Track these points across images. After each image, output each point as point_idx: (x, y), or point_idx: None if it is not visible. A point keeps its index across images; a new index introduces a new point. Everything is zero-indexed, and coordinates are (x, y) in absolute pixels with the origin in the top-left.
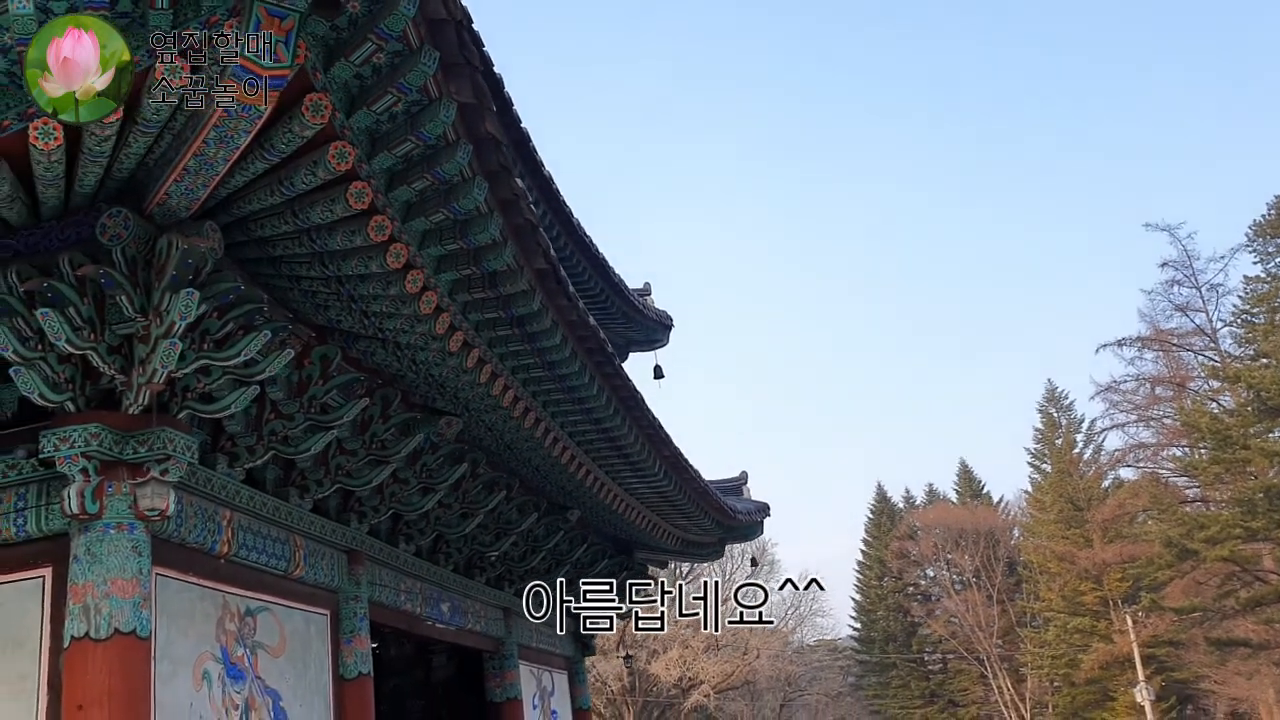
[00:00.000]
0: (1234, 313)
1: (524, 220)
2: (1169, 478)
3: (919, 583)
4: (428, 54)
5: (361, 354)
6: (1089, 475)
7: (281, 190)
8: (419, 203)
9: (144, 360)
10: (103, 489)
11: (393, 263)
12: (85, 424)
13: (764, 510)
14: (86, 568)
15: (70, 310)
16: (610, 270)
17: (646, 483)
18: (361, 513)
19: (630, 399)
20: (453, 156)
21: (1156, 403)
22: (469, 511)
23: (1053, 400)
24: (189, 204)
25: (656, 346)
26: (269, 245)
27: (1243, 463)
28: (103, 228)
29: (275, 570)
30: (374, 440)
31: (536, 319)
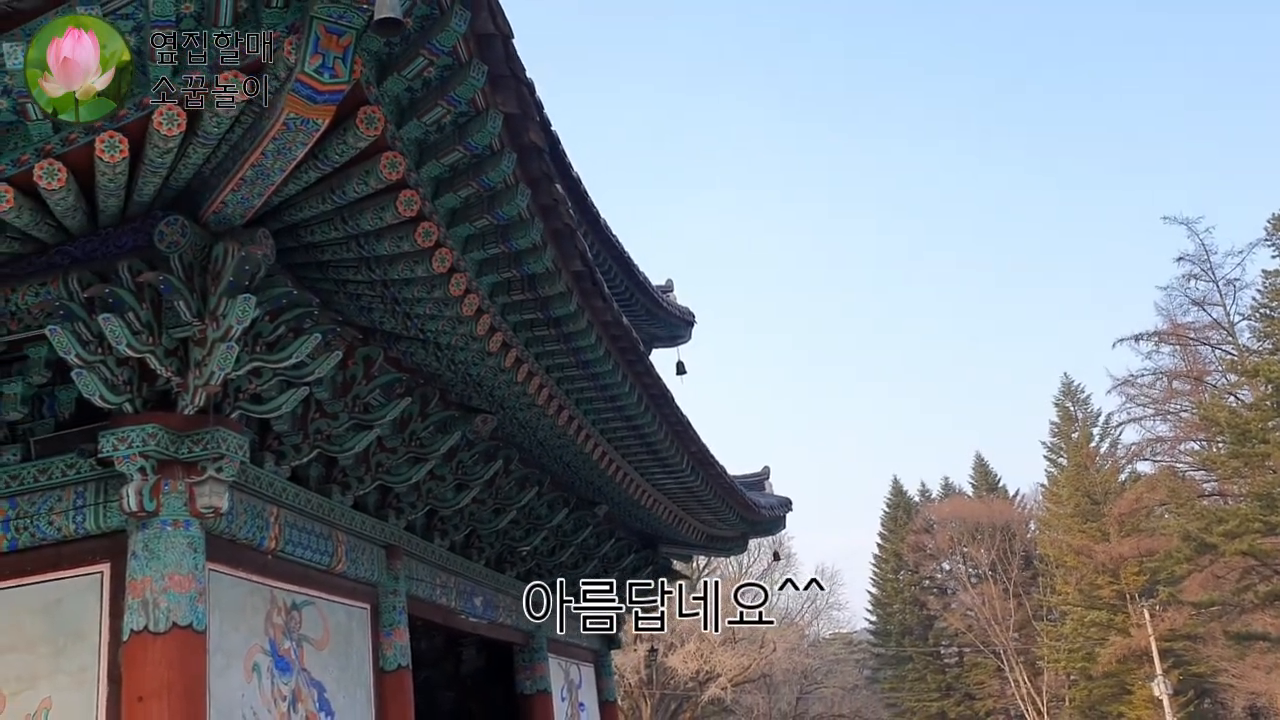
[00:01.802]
0: (1252, 307)
1: (563, 224)
2: (1186, 472)
3: (935, 576)
4: (476, 68)
5: (402, 354)
6: (1106, 469)
7: (333, 198)
8: (463, 209)
9: (200, 363)
10: (159, 487)
11: (438, 267)
12: (143, 425)
13: (786, 505)
14: (144, 563)
15: (130, 315)
16: (635, 268)
17: (673, 478)
18: (399, 509)
19: (660, 396)
20: (498, 165)
21: (1174, 397)
22: (501, 507)
23: (1069, 394)
24: (244, 212)
25: (679, 342)
26: (318, 250)
27: (1262, 457)
28: (160, 235)
29: (319, 565)
30: (413, 438)
31: (573, 320)
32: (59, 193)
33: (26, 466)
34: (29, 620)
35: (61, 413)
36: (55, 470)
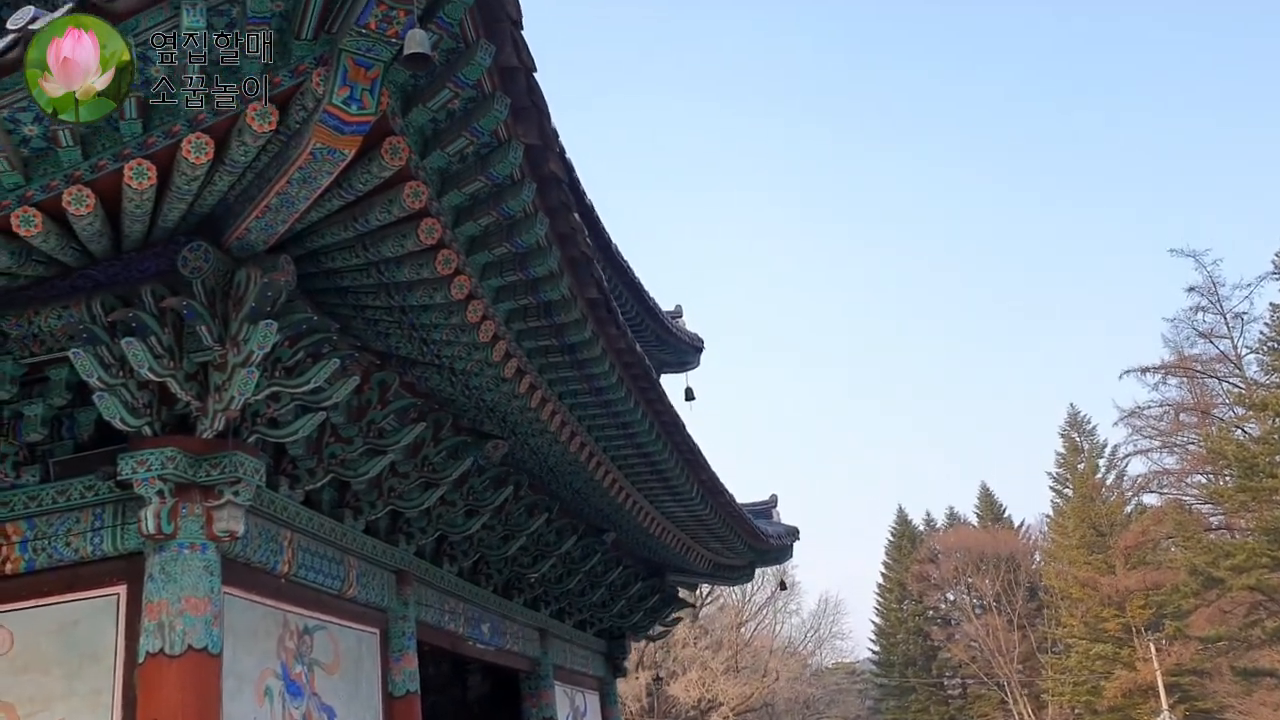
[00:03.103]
0: (1260, 340)
1: (579, 253)
2: (1193, 505)
3: (939, 606)
4: (500, 100)
5: (416, 379)
6: (1112, 501)
7: (355, 226)
8: (482, 236)
9: (219, 387)
10: (177, 510)
11: (456, 294)
12: (162, 448)
13: (793, 534)
14: (161, 586)
15: (152, 339)
16: (645, 293)
17: (683, 505)
18: (410, 534)
19: (672, 424)
20: (518, 195)
21: (1180, 429)
22: (511, 534)
23: (1075, 425)
24: (267, 238)
25: (687, 368)
26: (337, 276)
27: (1269, 491)
28: (183, 260)
29: (330, 590)
30: (425, 463)
31: (587, 346)
32: (86, 218)
33: (45, 488)
34: (44, 641)
35: (81, 435)
36: (74, 492)
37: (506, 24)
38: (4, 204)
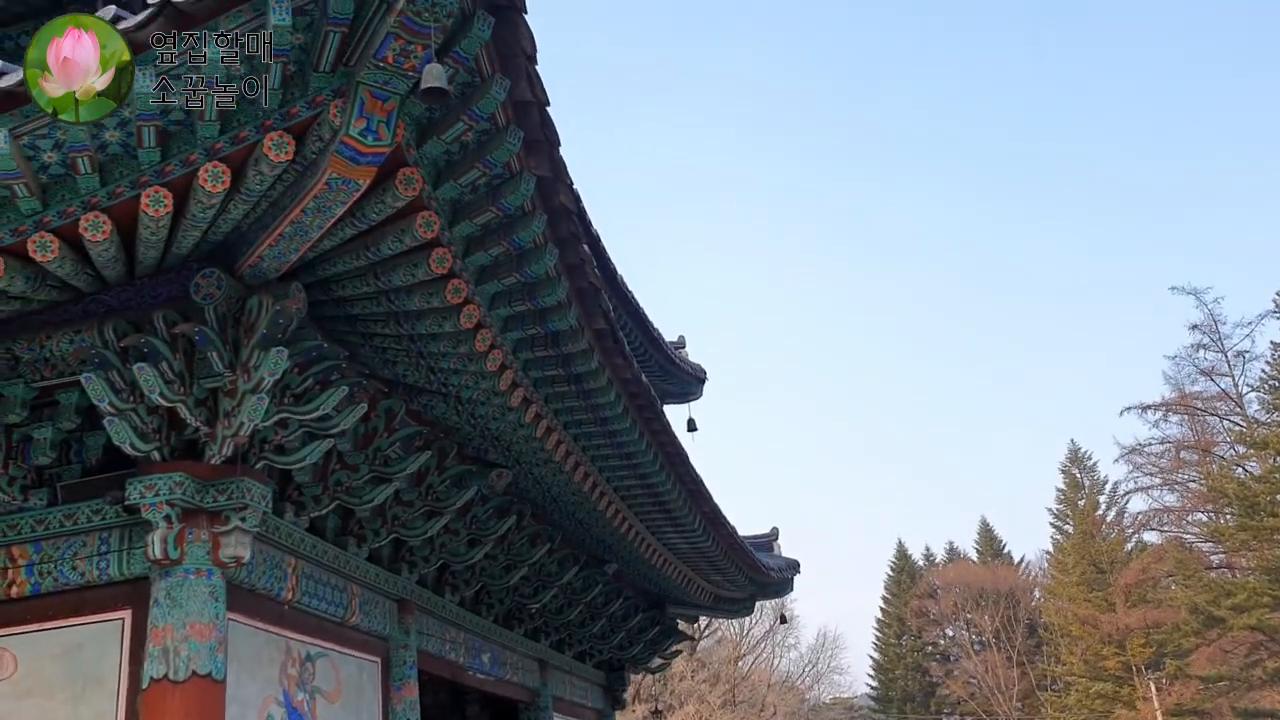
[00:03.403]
0: (1261, 379)
1: (588, 284)
2: (1194, 543)
3: (938, 642)
4: (513, 133)
5: (422, 407)
6: (1112, 538)
7: (367, 254)
8: (492, 266)
9: (229, 413)
10: (184, 536)
11: (465, 323)
12: (170, 473)
13: (794, 567)
14: (166, 611)
15: (163, 365)
16: (649, 324)
17: (685, 537)
18: (412, 562)
19: (675, 455)
20: (529, 226)
21: (1181, 466)
22: (513, 563)
23: (1076, 461)
24: (279, 266)
25: (690, 399)
26: (347, 304)
27: (1270, 530)
28: (196, 287)
29: (333, 617)
30: (429, 492)
31: (593, 377)
32: (102, 244)
33: (53, 511)
34: (49, 665)
35: (89, 459)
36: (81, 516)
37: (521, 59)
38: (21, 229)
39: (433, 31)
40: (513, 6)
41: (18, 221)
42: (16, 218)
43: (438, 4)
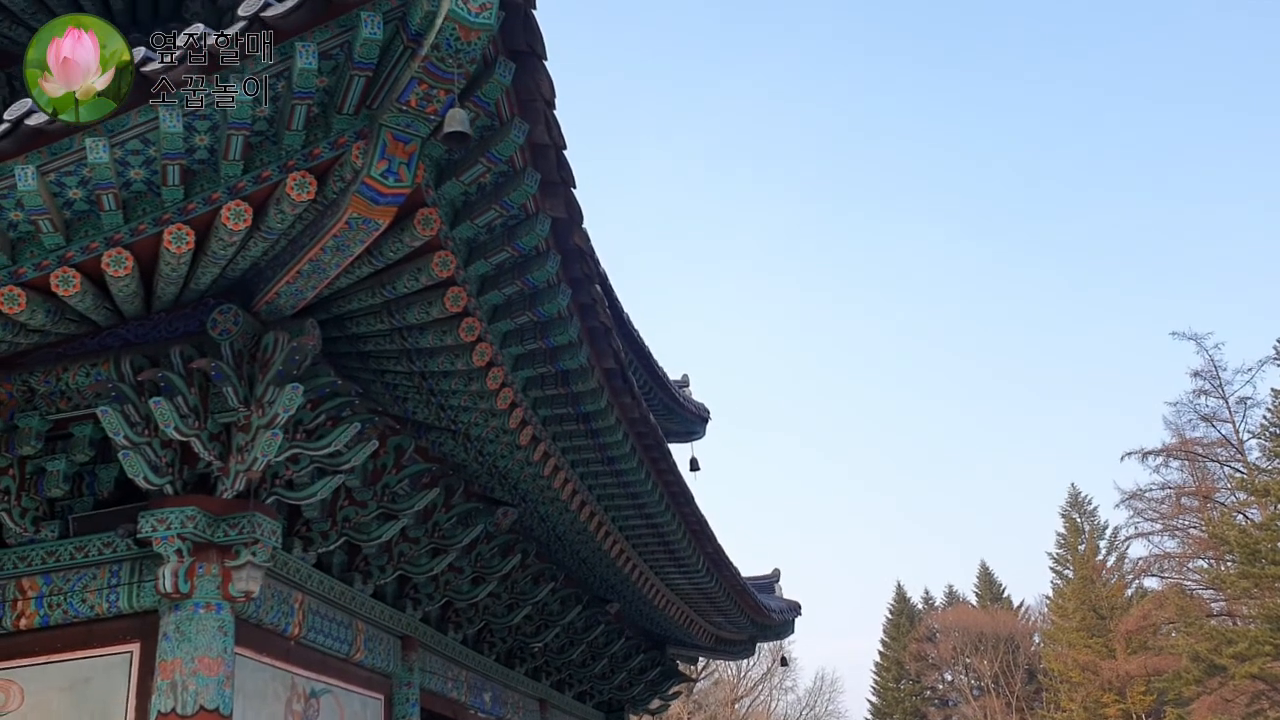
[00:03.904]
0: (1262, 425)
1: (599, 323)
2: (1195, 590)
3: (937, 686)
4: (530, 175)
5: (431, 444)
6: (1112, 583)
7: (383, 292)
8: (505, 305)
9: (242, 448)
10: (194, 570)
11: (478, 361)
12: (182, 507)
13: (795, 609)
14: (175, 645)
15: (179, 399)
16: (654, 363)
17: (688, 577)
18: (417, 599)
19: (681, 494)
20: (543, 266)
21: (1182, 512)
22: (516, 602)
23: (1076, 505)
24: (295, 303)
25: (693, 438)
26: (360, 341)
27: (1272, 578)
28: (213, 322)
29: (338, 653)
30: (435, 529)
31: (602, 416)
32: (124, 280)
33: (64, 544)
34: (56, 698)
35: (101, 491)
36: (92, 548)
37: (540, 103)
38: (44, 264)
39: (456, 77)
40: (533, 53)
41: (41, 256)
42: (40, 252)
43: (462, 51)
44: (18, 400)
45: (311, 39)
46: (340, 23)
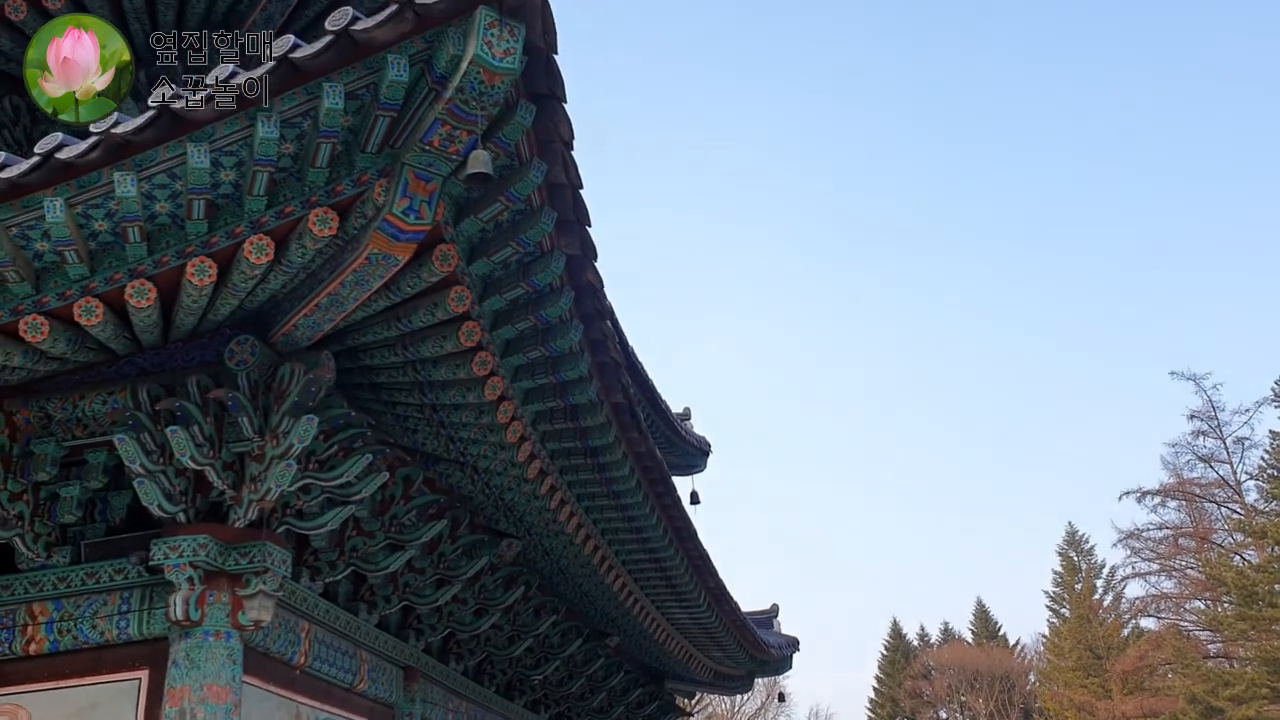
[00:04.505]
0: (1260, 467)
1: (609, 359)
2: (1191, 630)
3: None
4: (547, 214)
5: (438, 475)
6: (1109, 623)
7: (398, 325)
8: (517, 340)
9: (255, 478)
10: (205, 597)
11: (489, 394)
12: (195, 535)
13: (794, 645)
14: (185, 672)
15: (195, 428)
16: (658, 396)
17: (689, 612)
18: (420, 630)
19: (684, 529)
20: (556, 302)
21: (1179, 553)
22: (518, 634)
23: (1073, 544)
24: (312, 335)
25: (694, 472)
26: (373, 373)
27: (1269, 620)
28: (230, 353)
29: (342, 683)
30: (441, 560)
31: (609, 450)
32: (145, 310)
33: (75, 569)
34: None
35: (113, 518)
36: (103, 574)
37: (559, 144)
38: (67, 293)
39: (479, 119)
40: (554, 96)
41: (65, 286)
42: (64, 282)
43: (486, 94)
44: (34, 426)
45: (338, 80)
46: (367, 64)
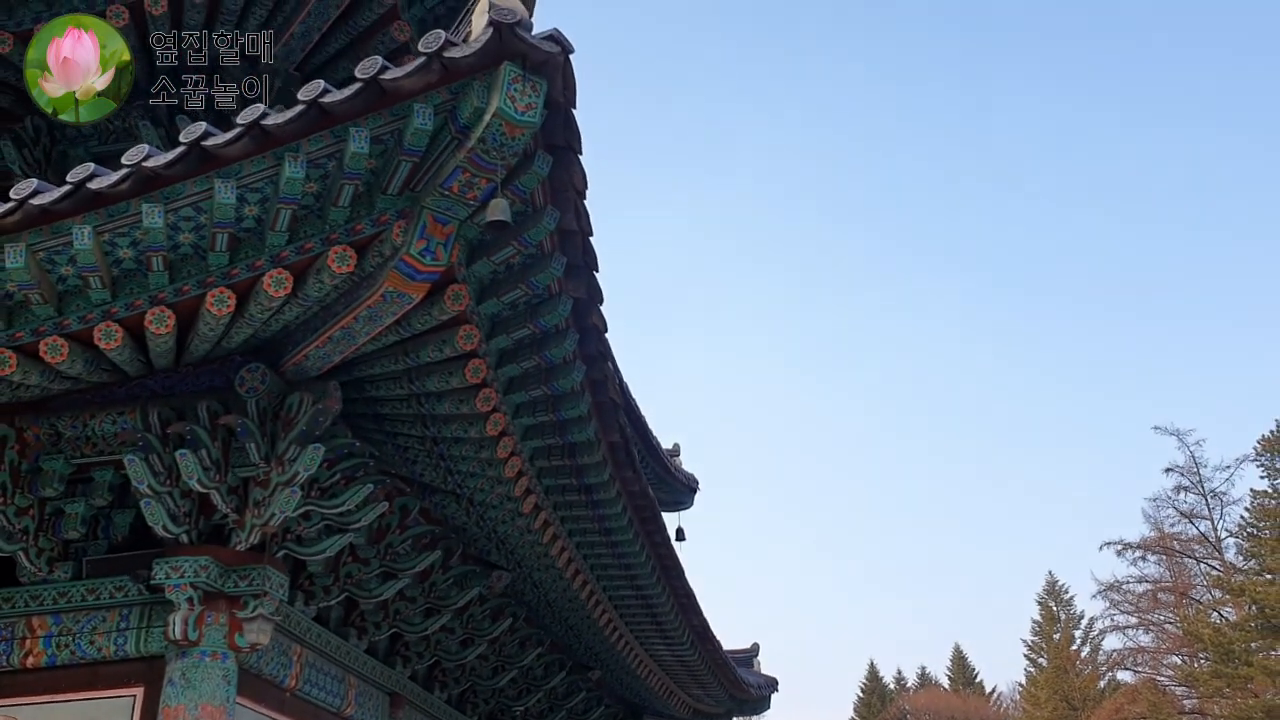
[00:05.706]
0: (1240, 524)
1: (608, 399)
2: (1167, 685)
3: None
4: (557, 259)
5: (434, 506)
6: (1086, 674)
7: (406, 360)
8: (521, 378)
9: (259, 503)
10: (203, 618)
11: (490, 430)
12: (197, 556)
13: (773, 685)
14: (180, 691)
15: (203, 452)
16: (649, 432)
17: (672, 649)
18: (407, 657)
19: (672, 568)
20: (561, 343)
21: (1158, 607)
22: (502, 665)
23: (1053, 594)
24: (322, 365)
25: (681, 508)
26: (378, 404)
27: (1244, 679)
28: (241, 380)
29: (330, 707)
30: (432, 589)
31: (604, 488)
32: (163, 337)
33: (76, 585)
34: None
35: (116, 535)
36: (104, 591)
37: (572, 193)
38: (88, 317)
39: (498, 168)
40: (569, 148)
41: (86, 310)
42: (86, 306)
43: (506, 145)
44: (44, 443)
45: (365, 124)
46: (393, 111)
